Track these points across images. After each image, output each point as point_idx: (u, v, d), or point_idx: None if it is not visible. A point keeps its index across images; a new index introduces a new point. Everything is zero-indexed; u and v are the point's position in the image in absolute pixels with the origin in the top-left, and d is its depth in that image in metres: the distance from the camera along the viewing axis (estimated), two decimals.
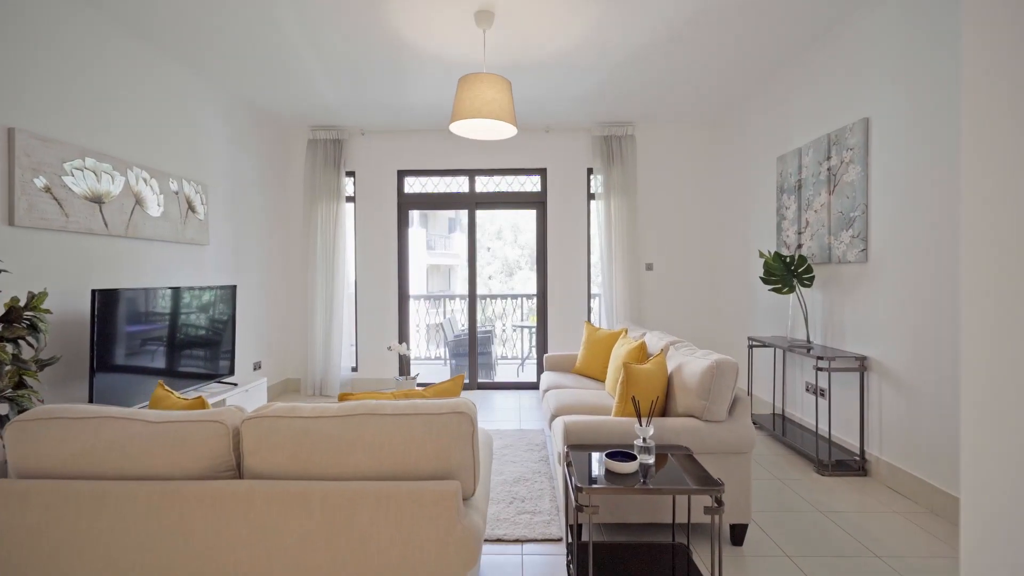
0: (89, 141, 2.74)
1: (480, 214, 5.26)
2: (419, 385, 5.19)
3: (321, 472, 1.28)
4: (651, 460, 1.81)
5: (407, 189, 5.18)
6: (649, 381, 2.23)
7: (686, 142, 4.99)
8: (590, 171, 5.06)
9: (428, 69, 3.66)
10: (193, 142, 3.66)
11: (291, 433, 1.30)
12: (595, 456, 1.92)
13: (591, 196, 5.09)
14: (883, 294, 2.77)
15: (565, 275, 5.06)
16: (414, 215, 16.07)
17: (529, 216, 14.68)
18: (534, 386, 5.22)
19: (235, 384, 3.51)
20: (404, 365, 5.20)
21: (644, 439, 1.83)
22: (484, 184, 5.17)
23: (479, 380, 5.33)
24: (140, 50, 3.13)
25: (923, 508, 2.46)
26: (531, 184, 5.16)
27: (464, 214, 5.18)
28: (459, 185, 5.18)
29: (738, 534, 2.12)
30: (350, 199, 5.13)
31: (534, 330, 6.27)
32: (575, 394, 3.07)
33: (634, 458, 1.79)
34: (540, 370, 5.22)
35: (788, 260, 3.23)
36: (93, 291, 2.40)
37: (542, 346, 5.18)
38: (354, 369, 5.19)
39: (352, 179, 5.13)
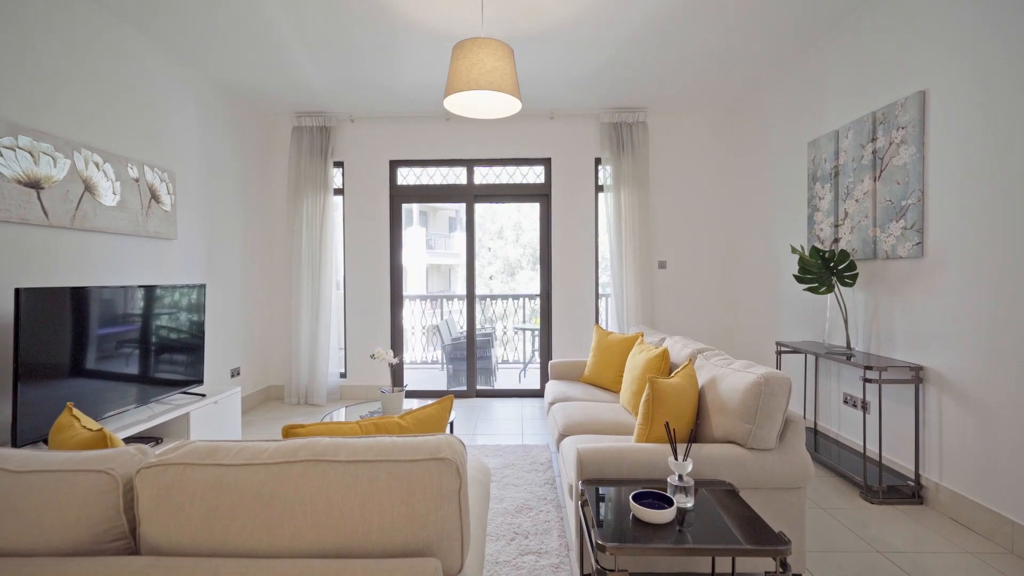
0: (22, 117, 2.36)
1: (479, 208, 4.89)
2: (408, 395, 4.81)
3: (246, 546, 0.91)
4: (690, 504, 1.44)
5: (400, 181, 4.80)
6: (679, 399, 1.85)
7: (703, 129, 4.61)
8: (598, 161, 4.68)
9: (421, 43, 3.29)
10: (157, 125, 3.28)
11: (204, 488, 0.92)
12: (616, 493, 1.54)
13: (599, 188, 4.70)
14: (944, 294, 2.38)
15: (571, 274, 4.68)
16: (413, 214, 15.75)
17: (532, 211, 14.32)
18: (537, 394, 4.84)
19: (203, 395, 3.14)
20: (397, 373, 4.83)
21: (681, 476, 1.45)
22: (483, 175, 4.79)
23: (478, 387, 4.95)
24: (91, 15, 2.75)
25: (1002, 548, 2.07)
26: (534, 175, 4.79)
27: (462, 209, 4.80)
28: (456, 176, 4.80)
29: None
30: (338, 191, 4.76)
31: (537, 333, 5.89)
32: (585, 408, 2.69)
33: (669, 501, 1.42)
34: (543, 375, 4.84)
35: (827, 256, 2.85)
36: (16, 290, 2.02)
37: (546, 350, 4.80)
38: (343, 375, 4.81)
39: (340, 170, 4.76)
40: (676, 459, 1.45)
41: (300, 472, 0.93)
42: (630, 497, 1.40)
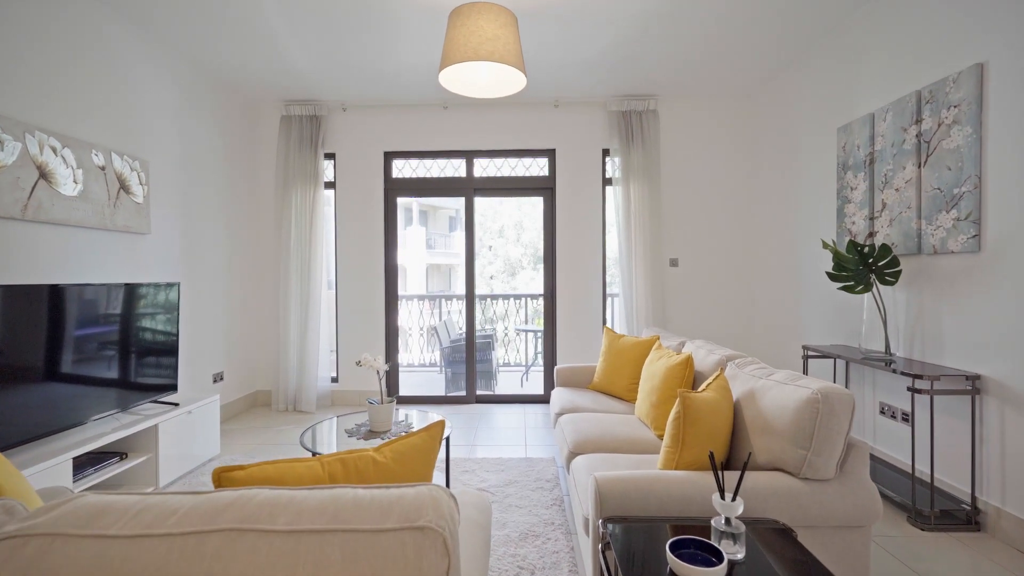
0: None
1: (479, 204, 4.60)
2: (402, 402, 4.53)
3: None
4: (741, 555, 1.15)
5: (396, 173, 4.52)
6: (714, 417, 1.57)
7: (719, 116, 4.32)
8: (606, 152, 4.39)
9: (418, 21, 2.99)
10: (128, 108, 3.00)
11: (79, 570, 0.64)
12: (643, 535, 1.26)
13: (607, 181, 4.42)
14: (1006, 292, 2.10)
15: (576, 272, 4.40)
16: (413, 212, 15.46)
17: (534, 208, 14.00)
18: (541, 399, 4.55)
19: (176, 404, 2.86)
20: (391, 378, 4.54)
21: (729, 520, 1.17)
22: (484, 168, 4.51)
23: (478, 392, 4.67)
24: None
25: None
26: (537, 168, 4.50)
27: (462, 206, 4.51)
28: (455, 169, 4.51)
29: None
30: (329, 185, 4.48)
31: (540, 334, 5.61)
32: (598, 421, 2.40)
33: (714, 551, 1.13)
34: (548, 379, 4.55)
35: (865, 251, 2.56)
36: None
37: (550, 353, 4.51)
38: (334, 380, 4.53)
39: (332, 162, 4.47)
40: (723, 498, 1.17)
41: (218, 547, 0.65)
42: (667, 547, 1.12)
